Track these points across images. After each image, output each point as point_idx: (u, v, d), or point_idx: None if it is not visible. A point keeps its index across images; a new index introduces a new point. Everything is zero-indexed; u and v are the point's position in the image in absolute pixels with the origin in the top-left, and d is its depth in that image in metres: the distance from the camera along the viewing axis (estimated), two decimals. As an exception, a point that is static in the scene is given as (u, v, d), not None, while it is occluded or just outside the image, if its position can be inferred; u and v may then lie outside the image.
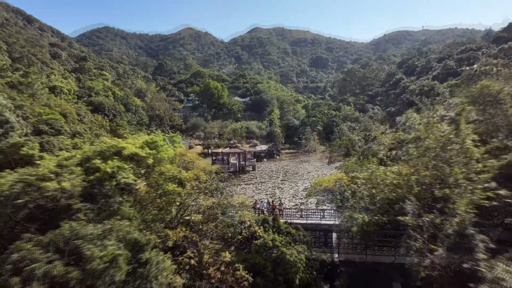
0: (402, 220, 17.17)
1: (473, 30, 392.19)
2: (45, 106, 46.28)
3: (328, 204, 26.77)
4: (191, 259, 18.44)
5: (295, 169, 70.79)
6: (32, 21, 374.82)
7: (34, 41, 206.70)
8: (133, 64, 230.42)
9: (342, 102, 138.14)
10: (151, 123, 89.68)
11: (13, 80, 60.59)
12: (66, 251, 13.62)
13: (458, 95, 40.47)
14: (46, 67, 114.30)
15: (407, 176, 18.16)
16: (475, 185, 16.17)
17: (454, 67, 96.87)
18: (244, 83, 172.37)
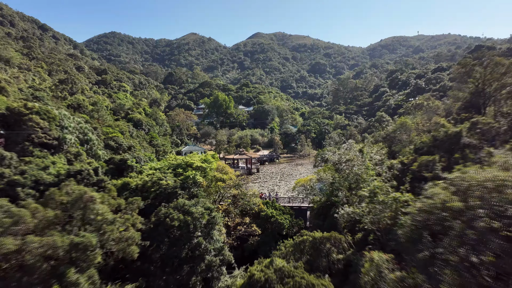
0: (335, 200, 34.92)
1: (464, 37, 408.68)
2: (109, 126, 64.14)
3: (303, 195, 44.23)
4: (228, 220, 36.26)
5: (290, 171, 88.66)
6: (47, 29, 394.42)
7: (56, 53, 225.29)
8: (144, 73, 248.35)
9: (335, 111, 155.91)
10: (173, 132, 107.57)
11: (73, 103, 78.71)
12: (181, 210, 31.26)
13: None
14: (78, 81, 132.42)
15: (338, 177, 35.73)
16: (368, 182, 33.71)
17: (423, 86, 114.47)
18: (248, 92, 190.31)
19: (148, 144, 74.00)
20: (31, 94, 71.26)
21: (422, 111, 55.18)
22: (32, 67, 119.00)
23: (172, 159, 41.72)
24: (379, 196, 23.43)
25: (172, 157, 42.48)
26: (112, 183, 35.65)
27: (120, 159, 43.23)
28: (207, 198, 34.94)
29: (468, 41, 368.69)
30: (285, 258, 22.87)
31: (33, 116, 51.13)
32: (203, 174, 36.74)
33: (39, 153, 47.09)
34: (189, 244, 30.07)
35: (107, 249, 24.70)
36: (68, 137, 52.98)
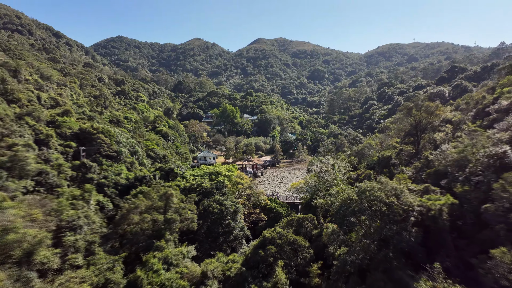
0: (316, 197, 53.07)
1: (455, 46, 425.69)
2: (147, 140, 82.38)
3: (296, 194, 62.25)
4: (245, 210, 54.40)
5: (289, 175, 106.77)
6: (60, 36, 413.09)
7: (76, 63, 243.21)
8: (155, 81, 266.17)
9: (329, 120, 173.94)
10: (190, 140, 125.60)
11: (113, 119, 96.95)
12: (217, 203, 49.32)
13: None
14: (108, 96, 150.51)
15: (319, 182, 53.68)
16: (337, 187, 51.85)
17: (402, 103, 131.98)
18: (251, 102, 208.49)
19: (175, 153, 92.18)
20: (83, 112, 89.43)
21: (387, 131, 72.79)
22: (67, 82, 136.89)
23: (206, 168, 59.94)
24: (339, 194, 41.35)
25: (205, 167, 61.02)
26: (166, 185, 53.73)
27: (169, 168, 61.43)
28: (232, 195, 52.98)
29: (459, 50, 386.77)
30: (282, 228, 40.92)
31: (100, 135, 69.45)
32: (228, 179, 54.88)
33: (106, 162, 65.44)
34: (223, 223, 48.27)
35: (181, 223, 42.80)
36: (123, 150, 71.33)
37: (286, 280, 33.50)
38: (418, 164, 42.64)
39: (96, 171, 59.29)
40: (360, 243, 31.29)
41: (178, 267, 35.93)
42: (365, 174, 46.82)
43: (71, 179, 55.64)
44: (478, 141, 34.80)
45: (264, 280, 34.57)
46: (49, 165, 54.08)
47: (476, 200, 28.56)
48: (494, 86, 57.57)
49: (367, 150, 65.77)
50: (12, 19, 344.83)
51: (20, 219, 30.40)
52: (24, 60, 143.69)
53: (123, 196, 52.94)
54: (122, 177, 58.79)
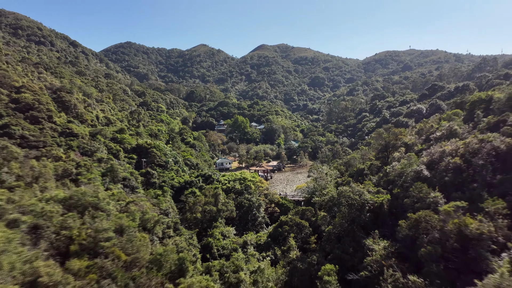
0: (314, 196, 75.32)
1: (448, 54, 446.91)
2: (184, 151, 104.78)
3: (300, 193, 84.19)
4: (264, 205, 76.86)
5: (293, 178, 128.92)
6: (76, 45, 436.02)
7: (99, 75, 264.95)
8: (169, 90, 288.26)
9: (327, 129, 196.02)
10: (210, 148, 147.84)
11: (152, 133, 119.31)
12: (246, 199, 71.48)
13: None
14: (142, 112, 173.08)
15: (316, 185, 75.65)
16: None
17: (388, 117, 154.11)
18: (258, 111, 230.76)
19: (203, 161, 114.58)
20: (128, 128, 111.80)
21: (369, 146, 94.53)
22: (103, 98, 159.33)
23: (235, 174, 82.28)
24: (328, 193, 63.42)
25: (233, 173, 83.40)
26: (214, 187, 75.87)
27: (208, 174, 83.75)
28: (255, 194, 75.24)
29: (450, 59, 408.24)
30: (292, 215, 63.13)
31: (153, 149, 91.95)
32: (253, 183, 77.18)
33: (159, 170, 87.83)
34: (250, 213, 70.63)
35: (226, 212, 65.01)
36: (169, 160, 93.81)
37: (295, 245, 55.75)
38: (380, 174, 64.66)
39: (156, 177, 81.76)
40: (339, 223, 53.40)
41: (229, 238, 58.32)
42: (346, 180, 68.73)
43: (141, 182, 78.09)
44: (411, 162, 56.94)
45: (281, 245, 56.89)
46: (128, 172, 76.49)
47: (402, 197, 50.67)
48: (440, 117, 79.72)
49: (352, 161, 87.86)
50: (35, 31, 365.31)
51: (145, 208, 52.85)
52: (64, 78, 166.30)
53: (178, 195, 75.29)
54: (175, 181, 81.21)
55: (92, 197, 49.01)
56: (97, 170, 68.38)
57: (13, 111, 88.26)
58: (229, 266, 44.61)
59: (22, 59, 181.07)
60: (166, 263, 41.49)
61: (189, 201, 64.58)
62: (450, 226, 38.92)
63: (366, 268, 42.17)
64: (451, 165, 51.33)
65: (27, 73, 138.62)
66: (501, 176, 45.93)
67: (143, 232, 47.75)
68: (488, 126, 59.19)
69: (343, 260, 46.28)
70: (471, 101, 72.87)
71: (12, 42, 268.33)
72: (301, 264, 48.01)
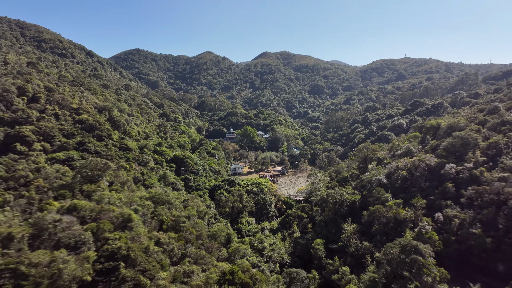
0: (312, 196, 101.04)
1: (440, 63, 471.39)
2: (208, 160, 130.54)
3: (301, 194, 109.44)
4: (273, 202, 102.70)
5: (295, 181, 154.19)
6: (92, 55, 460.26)
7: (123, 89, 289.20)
8: (182, 99, 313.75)
9: (325, 137, 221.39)
10: (225, 156, 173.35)
11: (180, 144, 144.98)
12: (262, 198, 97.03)
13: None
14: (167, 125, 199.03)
15: (313, 188, 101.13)
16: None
17: (374, 130, 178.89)
18: (263, 120, 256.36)
19: (223, 168, 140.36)
20: (160, 143, 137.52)
21: (355, 157, 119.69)
22: (134, 112, 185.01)
23: (251, 179, 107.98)
24: (321, 194, 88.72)
25: (249, 178, 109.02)
26: (237, 189, 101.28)
27: (231, 180, 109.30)
28: (268, 194, 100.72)
29: (441, 69, 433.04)
30: (295, 209, 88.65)
31: (187, 159, 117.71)
32: (265, 186, 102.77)
33: (193, 176, 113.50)
34: (264, 208, 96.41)
35: (248, 208, 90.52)
36: (200, 168, 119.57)
37: (297, 229, 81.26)
38: (358, 181, 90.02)
39: (192, 181, 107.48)
40: (327, 214, 78.76)
41: (251, 225, 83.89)
42: (334, 184, 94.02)
43: (182, 186, 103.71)
44: (377, 173, 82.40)
45: (288, 230, 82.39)
46: (173, 178, 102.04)
47: (368, 197, 76.08)
48: (404, 138, 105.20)
49: (340, 169, 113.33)
50: (57, 44, 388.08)
51: (195, 203, 78.55)
52: (97, 94, 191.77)
53: (210, 195, 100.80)
54: (207, 185, 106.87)
55: (165, 196, 75.04)
56: (154, 176, 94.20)
57: (81, 130, 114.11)
58: (256, 240, 70.35)
59: (60, 77, 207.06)
60: (219, 237, 67.24)
61: (222, 199, 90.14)
62: (390, 214, 64.49)
63: (341, 241, 67.62)
64: (401, 176, 76.89)
65: (74, 93, 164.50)
66: (428, 183, 71.47)
67: (199, 219, 73.41)
68: (431, 148, 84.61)
69: (328, 237, 71.73)
70: (426, 127, 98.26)
71: (43, 57, 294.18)
72: (301, 240, 73.61)
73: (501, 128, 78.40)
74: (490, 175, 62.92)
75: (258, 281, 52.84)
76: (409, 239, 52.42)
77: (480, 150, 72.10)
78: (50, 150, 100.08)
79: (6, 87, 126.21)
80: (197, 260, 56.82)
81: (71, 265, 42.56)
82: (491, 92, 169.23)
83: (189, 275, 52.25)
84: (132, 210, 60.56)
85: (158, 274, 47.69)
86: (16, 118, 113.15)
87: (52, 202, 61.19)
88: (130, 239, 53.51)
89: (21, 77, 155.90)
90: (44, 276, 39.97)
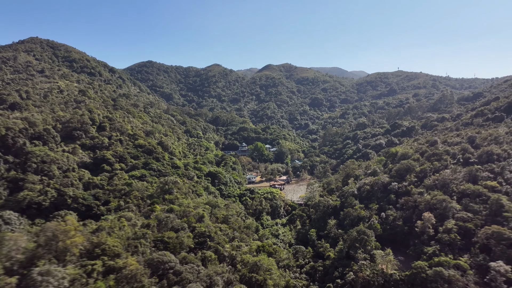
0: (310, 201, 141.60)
1: (429, 77, 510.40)
2: (232, 174, 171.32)
3: (301, 199, 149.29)
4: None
5: (297, 189, 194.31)
6: (114, 72, 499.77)
7: (150, 107, 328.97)
8: (198, 114, 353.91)
9: (322, 151, 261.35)
10: (242, 168, 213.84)
11: (209, 160, 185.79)
12: (274, 202, 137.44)
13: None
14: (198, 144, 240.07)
15: (310, 195, 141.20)
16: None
17: (361, 148, 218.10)
18: (270, 135, 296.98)
19: (241, 178, 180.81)
20: (196, 161, 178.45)
21: (342, 171, 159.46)
22: (168, 132, 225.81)
23: (266, 189, 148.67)
24: (315, 200, 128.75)
25: (264, 187, 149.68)
26: (257, 196, 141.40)
27: (251, 189, 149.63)
28: (279, 199, 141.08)
29: (428, 84, 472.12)
30: (298, 211, 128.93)
31: (219, 174, 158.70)
32: (277, 194, 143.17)
33: (224, 186, 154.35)
34: (276, 209, 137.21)
35: (266, 209, 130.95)
36: (228, 180, 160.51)
37: (299, 223, 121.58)
38: (340, 191, 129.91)
39: (225, 191, 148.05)
40: (319, 214, 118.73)
41: (269, 221, 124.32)
42: (324, 194, 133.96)
43: (218, 194, 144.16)
44: (352, 186, 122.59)
45: (293, 224, 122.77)
46: (213, 188, 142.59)
47: (344, 203, 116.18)
48: (376, 160, 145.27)
49: (330, 182, 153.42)
50: (85, 63, 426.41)
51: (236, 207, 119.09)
52: (137, 117, 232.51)
53: (240, 201, 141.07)
54: (235, 193, 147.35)
55: (215, 201, 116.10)
56: (201, 188, 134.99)
57: (142, 153, 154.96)
58: (273, 230, 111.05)
59: (103, 102, 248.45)
60: (251, 227, 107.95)
61: (248, 203, 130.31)
62: (356, 213, 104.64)
63: (326, 230, 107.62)
64: (366, 189, 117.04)
65: (124, 119, 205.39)
66: (381, 194, 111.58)
67: (237, 217, 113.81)
68: (389, 169, 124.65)
69: (319, 228, 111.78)
70: (389, 153, 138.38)
71: (80, 80, 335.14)
72: (302, 230, 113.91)
73: (431, 158, 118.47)
74: (415, 190, 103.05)
75: (277, 251, 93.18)
76: (361, 227, 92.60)
77: (415, 174, 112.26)
78: (126, 169, 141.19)
79: (84, 120, 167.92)
80: (241, 240, 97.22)
81: (185, 238, 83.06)
82: (453, 118, 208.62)
83: (239, 247, 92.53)
84: (201, 210, 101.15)
85: (225, 245, 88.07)
86: (94, 144, 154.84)
87: (156, 206, 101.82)
88: (205, 226, 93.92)
89: (83, 107, 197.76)
90: (176, 242, 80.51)
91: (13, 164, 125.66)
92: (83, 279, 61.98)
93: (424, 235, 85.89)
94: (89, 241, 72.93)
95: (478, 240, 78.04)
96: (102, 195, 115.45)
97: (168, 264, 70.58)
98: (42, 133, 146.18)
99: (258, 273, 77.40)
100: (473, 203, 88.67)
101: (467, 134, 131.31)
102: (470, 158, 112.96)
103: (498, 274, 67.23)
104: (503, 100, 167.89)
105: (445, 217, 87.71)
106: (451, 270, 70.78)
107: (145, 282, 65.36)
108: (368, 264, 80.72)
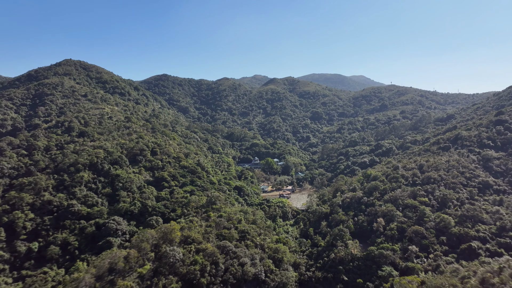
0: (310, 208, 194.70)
1: (418, 91, 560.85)
2: (251, 187, 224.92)
3: (303, 206, 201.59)
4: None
5: (300, 197, 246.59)
6: (138, 89, 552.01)
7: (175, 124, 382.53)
8: (215, 130, 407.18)
9: (320, 164, 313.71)
10: (257, 180, 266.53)
11: (233, 175, 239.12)
12: (283, 211, 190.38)
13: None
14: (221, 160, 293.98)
15: (309, 204, 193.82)
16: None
17: (350, 164, 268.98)
18: (277, 149, 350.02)
19: (258, 189, 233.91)
20: (225, 178, 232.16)
21: (333, 185, 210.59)
22: (197, 151, 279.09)
23: (277, 198, 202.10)
24: (313, 208, 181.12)
25: (275, 197, 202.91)
26: (272, 205, 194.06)
27: (267, 199, 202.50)
28: (287, 207, 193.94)
29: (415, 100, 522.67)
30: (302, 215, 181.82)
31: (243, 187, 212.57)
32: (286, 203, 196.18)
33: (247, 197, 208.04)
34: (286, 214, 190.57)
35: (279, 214, 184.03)
36: (249, 192, 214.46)
37: (302, 224, 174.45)
38: (330, 202, 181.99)
39: (249, 201, 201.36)
40: (315, 218, 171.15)
41: (282, 222, 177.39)
42: (319, 203, 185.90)
43: (245, 203, 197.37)
44: (338, 198, 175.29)
45: (298, 225, 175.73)
46: (242, 198, 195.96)
47: (332, 210, 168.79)
48: (357, 178, 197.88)
49: (324, 194, 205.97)
50: (116, 84, 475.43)
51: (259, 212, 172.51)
52: (171, 139, 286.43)
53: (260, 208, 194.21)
54: (255, 202, 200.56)
55: (245, 209, 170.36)
56: (233, 199, 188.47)
57: (187, 172, 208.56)
58: (285, 228, 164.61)
59: (143, 125, 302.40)
60: (271, 227, 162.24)
61: (266, 210, 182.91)
62: (338, 218, 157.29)
63: (319, 229, 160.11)
64: (347, 201, 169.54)
65: (165, 141, 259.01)
66: (356, 205, 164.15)
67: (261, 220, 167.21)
68: (364, 188, 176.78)
69: (315, 227, 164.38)
70: (366, 174, 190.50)
71: (118, 103, 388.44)
72: (303, 229, 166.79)
73: (392, 180, 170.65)
74: (377, 203, 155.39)
75: (288, 242, 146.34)
76: (341, 227, 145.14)
77: (379, 191, 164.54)
78: (179, 185, 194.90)
79: (142, 147, 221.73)
80: (265, 235, 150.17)
81: (234, 233, 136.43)
82: (423, 141, 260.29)
83: (265, 239, 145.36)
84: (238, 215, 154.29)
85: (257, 238, 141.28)
86: (152, 166, 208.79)
87: (210, 213, 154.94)
88: (243, 226, 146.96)
89: (133, 133, 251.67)
90: (229, 236, 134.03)
91: (104, 183, 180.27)
92: (188, 254, 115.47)
93: (378, 231, 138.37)
94: (182, 235, 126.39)
95: (407, 234, 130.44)
96: (170, 205, 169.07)
97: (228, 247, 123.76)
98: (118, 159, 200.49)
99: (278, 254, 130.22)
100: (409, 212, 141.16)
101: (419, 162, 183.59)
102: (416, 181, 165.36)
103: (412, 253, 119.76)
104: (453, 133, 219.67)
105: (391, 221, 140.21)
106: (389, 251, 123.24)
107: (219, 256, 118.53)
108: (343, 249, 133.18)
